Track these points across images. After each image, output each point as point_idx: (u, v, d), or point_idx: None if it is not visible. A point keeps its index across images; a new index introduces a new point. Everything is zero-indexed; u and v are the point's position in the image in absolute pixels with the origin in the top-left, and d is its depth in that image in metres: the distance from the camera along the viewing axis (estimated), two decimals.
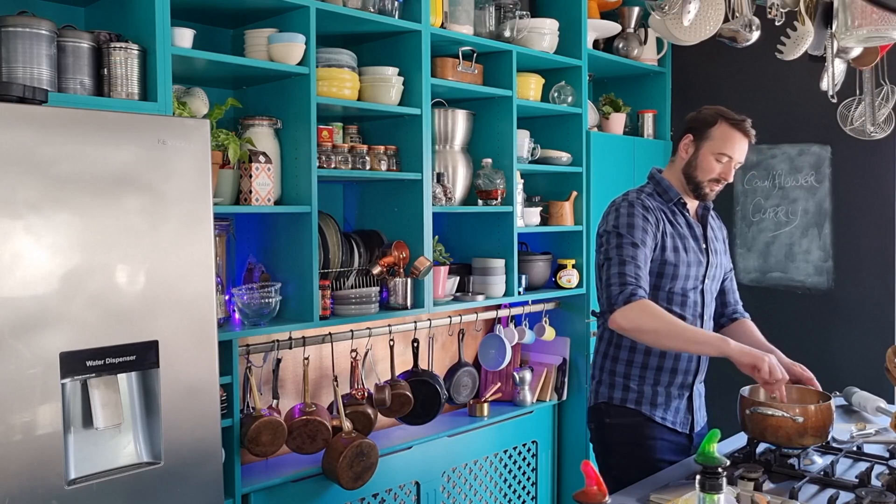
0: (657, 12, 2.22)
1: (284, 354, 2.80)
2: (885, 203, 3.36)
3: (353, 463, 2.64)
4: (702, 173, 2.24)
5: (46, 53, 2.04)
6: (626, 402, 2.23)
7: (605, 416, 2.26)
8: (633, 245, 2.14)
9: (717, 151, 2.22)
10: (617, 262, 2.13)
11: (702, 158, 2.24)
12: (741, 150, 2.25)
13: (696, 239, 2.29)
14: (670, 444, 2.22)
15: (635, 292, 2.08)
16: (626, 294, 2.08)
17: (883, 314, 3.38)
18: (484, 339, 3.50)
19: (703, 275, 2.28)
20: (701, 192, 2.27)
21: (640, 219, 2.17)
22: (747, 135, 2.24)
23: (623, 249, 2.14)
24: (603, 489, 1.45)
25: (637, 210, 2.19)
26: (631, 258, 2.12)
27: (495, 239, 3.28)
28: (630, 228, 2.16)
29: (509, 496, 3.39)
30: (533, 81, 3.35)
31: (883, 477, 1.84)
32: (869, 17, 1.93)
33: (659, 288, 2.22)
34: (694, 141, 2.26)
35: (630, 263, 2.12)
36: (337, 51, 2.73)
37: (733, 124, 2.22)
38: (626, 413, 2.23)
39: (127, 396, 1.89)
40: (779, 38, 2.40)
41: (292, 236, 2.65)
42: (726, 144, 2.22)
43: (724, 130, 2.22)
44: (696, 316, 2.28)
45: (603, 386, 2.28)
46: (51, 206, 1.70)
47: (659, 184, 2.31)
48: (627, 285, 2.09)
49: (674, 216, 2.27)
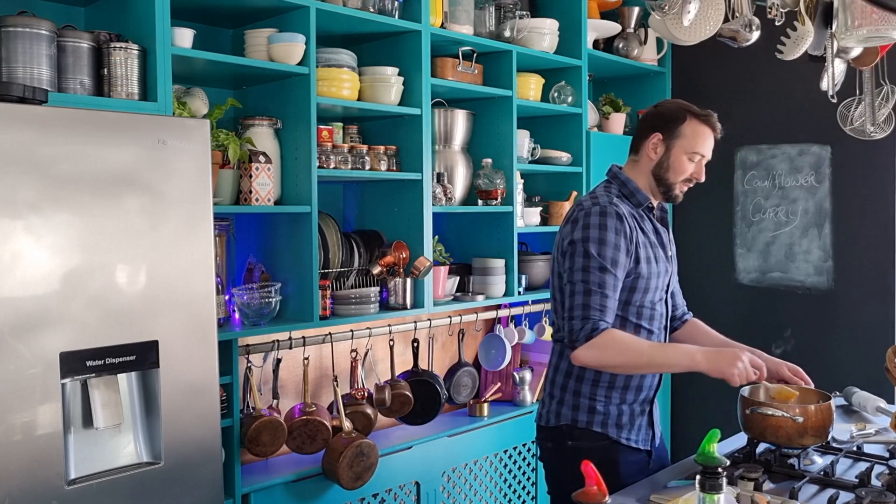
0: (657, 12, 2.22)
1: (284, 354, 2.80)
2: (885, 203, 3.36)
3: (353, 463, 2.64)
4: (674, 174, 2.09)
5: (46, 53, 2.04)
6: (591, 424, 2.08)
7: (567, 438, 2.11)
8: (601, 269, 1.95)
9: (690, 151, 2.08)
10: (581, 291, 1.95)
11: (674, 159, 2.09)
12: (711, 147, 2.12)
13: (663, 246, 2.16)
14: (633, 464, 2.11)
15: (597, 326, 1.92)
16: (587, 329, 1.92)
17: (883, 314, 3.38)
18: (484, 339, 3.50)
19: (667, 284, 2.16)
20: (671, 195, 2.12)
21: (613, 232, 1.99)
22: (715, 129, 2.11)
23: (590, 274, 1.95)
24: (603, 489, 1.45)
25: (610, 221, 1.99)
26: (598, 286, 1.95)
27: (495, 239, 3.28)
28: (601, 245, 1.97)
29: (509, 496, 3.39)
30: (533, 81, 3.35)
31: (883, 477, 1.83)
32: (869, 17, 1.93)
33: (629, 303, 2.06)
34: (664, 140, 2.09)
35: (596, 293, 1.94)
36: (337, 51, 2.73)
37: (703, 120, 2.09)
38: (592, 436, 2.08)
39: (127, 396, 1.89)
40: (779, 38, 2.40)
41: (292, 236, 2.65)
42: (698, 142, 2.08)
43: (694, 127, 2.08)
44: (661, 328, 2.16)
45: (566, 407, 2.11)
46: (51, 206, 1.70)
47: (625, 185, 2.13)
48: (589, 319, 1.93)
49: (642, 222, 2.11)
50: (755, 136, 3.72)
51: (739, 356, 1.92)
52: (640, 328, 2.09)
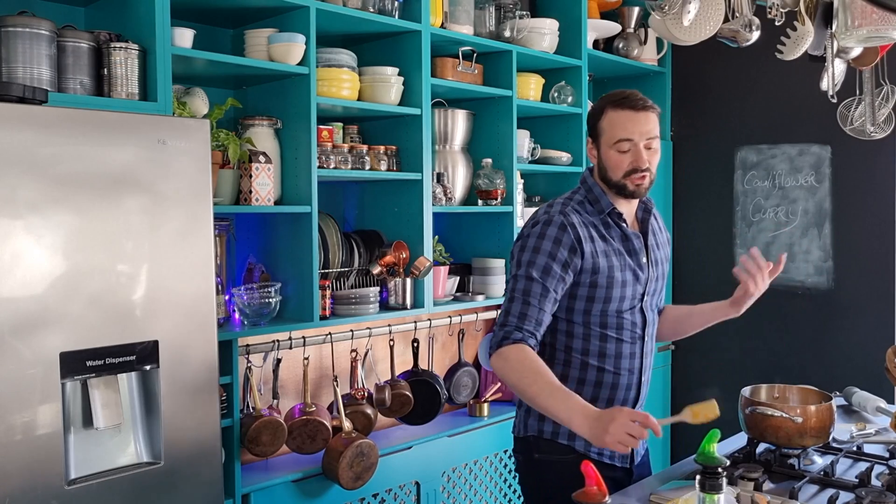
0: (657, 12, 2.22)
1: (284, 354, 2.80)
2: (885, 203, 3.36)
3: (353, 463, 2.64)
4: (613, 172, 1.96)
5: (46, 53, 2.04)
6: (557, 435, 1.99)
7: (534, 450, 2.02)
8: (527, 278, 1.88)
9: (612, 142, 1.94)
10: (507, 300, 1.91)
11: (605, 157, 1.97)
12: (640, 127, 1.93)
13: (634, 254, 2.01)
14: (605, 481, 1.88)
15: (509, 335, 1.85)
16: (498, 337, 1.87)
17: (883, 314, 3.38)
18: (484, 339, 3.50)
19: (641, 293, 2.02)
20: (626, 191, 1.98)
21: (551, 241, 1.90)
22: (636, 107, 1.93)
23: (516, 282, 1.91)
24: (603, 489, 1.45)
25: (551, 230, 1.92)
26: (521, 294, 1.88)
27: (495, 239, 3.28)
28: (534, 254, 1.90)
29: (509, 496, 3.39)
30: (533, 81, 3.35)
31: (883, 477, 1.84)
32: (869, 17, 1.92)
33: (589, 312, 1.97)
34: (593, 143, 2.01)
35: (517, 301, 1.88)
36: (337, 51, 2.73)
37: (617, 104, 1.94)
38: (557, 449, 1.99)
39: (127, 396, 1.89)
40: (779, 38, 2.40)
41: (292, 236, 2.65)
42: (618, 129, 1.93)
43: (610, 117, 1.94)
44: (636, 338, 2.03)
45: (532, 417, 2.03)
46: (51, 206, 1.70)
47: (591, 191, 2.02)
48: (505, 326, 1.87)
49: (607, 229, 1.99)
50: (755, 136, 3.72)
51: (610, 421, 1.67)
52: (606, 337, 1.99)
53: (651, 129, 1.95)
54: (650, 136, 1.94)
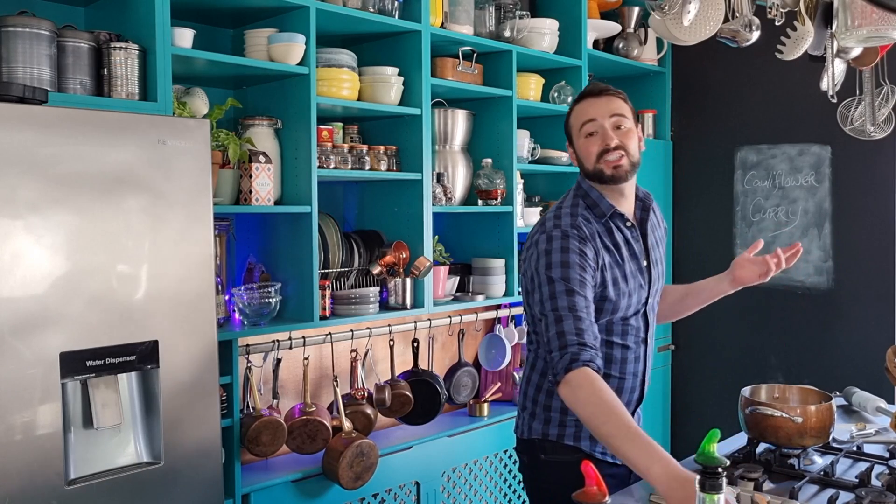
0: (657, 12, 2.22)
1: (284, 354, 2.80)
2: (885, 203, 3.36)
3: (353, 463, 2.64)
4: (587, 160, 1.96)
5: (46, 53, 2.04)
6: (562, 437, 1.99)
7: (539, 451, 2.02)
8: (568, 293, 1.81)
9: (577, 129, 1.97)
10: (553, 321, 1.80)
11: (578, 150, 1.99)
12: (599, 108, 1.95)
13: (637, 257, 2.00)
14: (610, 478, 1.91)
15: (577, 356, 1.75)
16: (565, 361, 1.76)
17: (883, 314, 3.38)
18: (484, 339, 3.50)
19: (645, 297, 2.01)
20: (605, 176, 1.95)
21: (577, 254, 1.86)
22: (594, 92, 1.98)
23: (557, 300, 1.82)
24: (603, 489, 1.45)
25: (573, 244, 1.87)
26: (568, 310, 1.80)
27: (495, 239, 3.28)
28: (564, 269, 1.84)
29: (509, 496, 3.39)
30: (533, 81, 3.35)
31: (883, 477, 1.83)
32: (869, 17, 1.92)
33: (597, 321, 1.91)
34: (570, 145, 2.05)
35: (567, 318, 1.79)
36: (337, 51, 2.73)
37: (578, 98, 2.02)
38: (564, 450, 1.99)
39: (127, 396, 1.89)
40: (779, 38, 2.40)
41: (292, 236, 2.65)
42: (579, 115, 1.98)
43: (575, 111, 2.01)
44: (640, 342, 2.03)
45: (537, 421, 2.03)
46: (51, 206, 1.70)
47: (588, 195, 1.99)
48: (567, 348, 1.77)
49: (610, 235, 1.97)
50: (755, 136, 3.72)
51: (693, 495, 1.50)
52: (612, 344, 1.99)
53: (614, 108, 1.96)
54: (615, 113, 1.96)
